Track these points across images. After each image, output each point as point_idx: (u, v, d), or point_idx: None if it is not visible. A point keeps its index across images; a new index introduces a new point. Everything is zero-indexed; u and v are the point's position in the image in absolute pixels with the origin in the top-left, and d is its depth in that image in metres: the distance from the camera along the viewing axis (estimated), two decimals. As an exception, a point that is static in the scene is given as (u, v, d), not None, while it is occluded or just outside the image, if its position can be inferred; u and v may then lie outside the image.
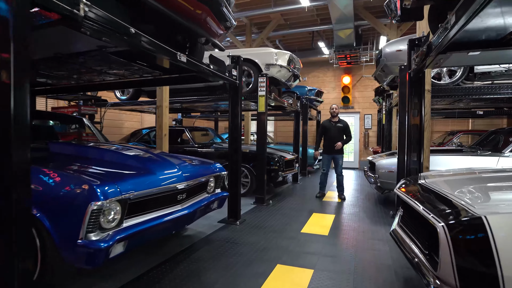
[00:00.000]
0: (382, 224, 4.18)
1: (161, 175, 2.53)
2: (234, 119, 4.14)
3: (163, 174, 2.57)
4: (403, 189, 2.07)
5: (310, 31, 9.57)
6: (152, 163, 2.73)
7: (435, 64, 2.87)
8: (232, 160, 4.17)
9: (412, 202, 1.64)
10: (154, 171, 2.51)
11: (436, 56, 2.59)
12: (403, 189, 2.07)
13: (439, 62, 2.78)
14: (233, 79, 3.97)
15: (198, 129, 7.72)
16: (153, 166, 2.62)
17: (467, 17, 1.76)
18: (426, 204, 1.54)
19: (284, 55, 5.94)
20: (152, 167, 2.57)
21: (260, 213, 4.67)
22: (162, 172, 2.57)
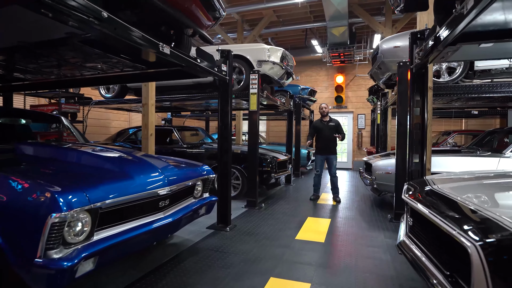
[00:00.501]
0: (380, 229, 3.96)
1: (140, 179, 2.25)
2: (224, 117, 3.87)
3: (143, 178, 2.29)
4: (412, 196, 1.83)
5: (303, 28, 9.35)
6: (130, 166, 2.44)
7: (441, 58, 2.66)
8: (222, 161, 3.90)
9: (430, 213, 1.40)
10: (132, 175, 2.23)
11: (444, 49, 2.37)
12: (412, 196, 1.83)
13: (445, 56, 2.57)
14: (222, 74, 3.70)
15: (188, 129, 7.42)
16: (131, 169, 2.34)
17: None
18: (447, 217, 1.30)
19: (277, 52, 5.69)
20: (130, 171, 2.29)
21: (251, 218, 4.40)
22: (141, 176, 2.29)
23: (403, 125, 4.32)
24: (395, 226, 4.13)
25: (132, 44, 2.28)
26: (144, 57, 2.78)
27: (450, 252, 1.29)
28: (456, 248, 1.20)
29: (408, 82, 4.31)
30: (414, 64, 3.10)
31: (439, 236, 1.40)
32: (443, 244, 1.36)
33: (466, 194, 1.52)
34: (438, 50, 2.46)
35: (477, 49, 2.29)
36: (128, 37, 2.19)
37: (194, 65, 3.05)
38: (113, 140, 7.00)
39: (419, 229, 1.69)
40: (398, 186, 4.35)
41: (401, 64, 4.31)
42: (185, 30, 3.21)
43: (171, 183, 2.51)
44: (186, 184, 2.81)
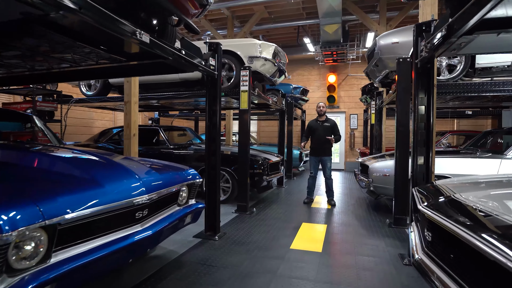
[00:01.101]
0: (380, 236, 3.71)
1: (112, 187, 1.92)
2: (212, 116, 3.56)
3: (115, 186, 1.96)
4: (433, 208, 1.56)
5: (295, 25, 9.09)
6: (102, 172, 2.11)
7: (452, 51, 2.41)
8: (210, 164, 3.59)
9: (467, 234, 1.12)
10: (103, 183, 1.89)
11: (458, 39, 2.12)
12: (433, 208, 1.56)
13: (457, 48, 2.32)
14: (210, 69, 3.38)
15: (175, 129, 7.06)
16: (102, 176, 2.00)
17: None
18: (490, 240, 1.03)
19: (269, 47, 5.40)
20: (100, 178, 1.96)
21: (242, 225, 4.10)
22: (113, 184, 1.96)
23: (404, 124, 4.09)
24: (394, 232, 3.89)
25: (104, 29, 1.95)
26: (121, 47, 2.45)
27: (496, 281, 1.02)
28: (506, 278, 0.93)
29: (408, 79, 4.09)
30: (419, 59, 2.85)
31: (483, 264, 1.12)
32: (486, 271, 1.08)
33: (500, 207, 1.26)
34: (450, 41, 2.21)
35: (497, 39, 2.05)
36: (98, 20, 1.86)
37: (178, 57, 2.73)
38: (95, 141, 6.60)
39: (444, 248, 1.42)
40: (398, 189, 4.12)
41: (401, 60, 4.08)
42: (169, 19, 2.89)
43: (150, 190, 2.18)
44: (169, 190, 2.49)
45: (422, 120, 2.97)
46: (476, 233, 1.08)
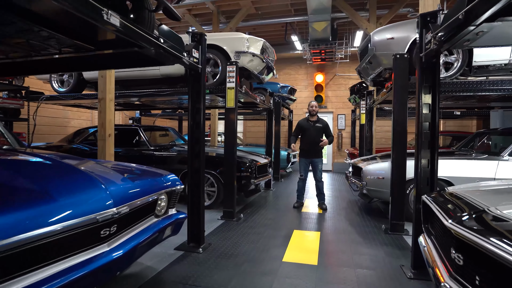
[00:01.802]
0: (377, 244, 3.45)
1: (69, 201, 1.55)
2: (195, 115, 3.20)
3: (73, 199, 1.58)
4: (467, 226, 1.27)
5: (283, 22, 8.81)
6: (58, 181, 1.73)
7: (465, 42, 2.16)
8: (193, 167, 3.23)
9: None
10: (56, 196, 1.52)
11: (477, 27, 1.86)
12: (467, 226, 1.27)
13: (472, 38, 2.07)
14: (193, 62, 3.03)
15: (156, 129, 6.64)
16: (58, 186, 1.63)
17: None
18: None
19: (257, 42, 5.09)
20: (55, 189, 1.58)
21: (229, 233, 3.76)
22: (71, 196, 1.59)
23: (401, 124, 3.86)
24: (392, 239, 3.64)
25: (61, 5, 1.58)
26: (86, 31, 2.07)
27: None
28: None
29: (405, 76, 3.86)
30: (424, 52, 2.60)
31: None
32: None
33: None
34: (467, 30, 1.94)
35: None
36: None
37: (156, 47, 2.37)
38: (68, 141, 6.11)
39: (488, 278, 1.13)
40: (394, 193, 3.88)
41: (398, 56, 3.84)
42: (146, 2, 2.52)
43: (120, 202, 1.82)
44: (144, 200, 2.12)
45: (426, 119, 2.72)
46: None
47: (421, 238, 2.11)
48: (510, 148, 4.31)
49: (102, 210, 1.67)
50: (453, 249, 1.38)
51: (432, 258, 1.65)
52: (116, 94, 5.40)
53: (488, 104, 6.91)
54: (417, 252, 2.74)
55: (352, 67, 11.39)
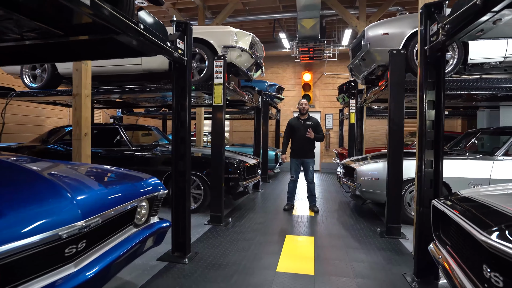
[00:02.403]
0: (375, 249, 3.26)
1: (21, 215, 1.25)
2: (180, 112, 2.92)
3: (27, 212, 1.29)
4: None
5: (271, 19, 8.59)
6: (8, 191, 1.42)
7: (478, 33, 1.99)
8: (178, 170, 2.94)
9: None
10: (5, 210, 1.22)
11: (497, 13, 1.67)
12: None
13: (487, 28, 1.89)
14: (178, 53, 2.75)
15: (138, 128, 6.28)
16: (9, 198, 1.33)
17: None
18: None
19: (246, 37, 4.83)
20: (5, 202, 1.28)
21: (217, 240, 3.49)
22: (25, 209, 1.29)
23: (398, 123, 3.69)
24: (389, 243, 3.46)
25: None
26: (51, 11, 1.76)
27: None
28: None
29: (402, 73, 3.69)
30: (429, 45, 2.42)
31: None
32: None
33: None
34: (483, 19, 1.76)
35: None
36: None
37: (135, 33, 2.08)
38: (42, 141, 5.68)
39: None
40: (391, 195, 3.71)
41: (395, 52, 3.67)
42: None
43: (90, 213, 1.54)
44: (119, 209, 1.84)
45: (430, 117, 2.54)
46: None
47: (433, 247, 1.92)
48: (504, 148, 4.23)
49: (66, 224, 1.38)
50: (487, 267, 1.17)
51: (454, 274, 1.44)
52: (94, 90, 5.03)
53: (474, 103, 6.89)
54: (421, 260, 2.56)
55: (340, 66, 11.31)
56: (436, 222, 1.95)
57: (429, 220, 2.58)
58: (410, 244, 3.40)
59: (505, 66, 4.25)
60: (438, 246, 1.86)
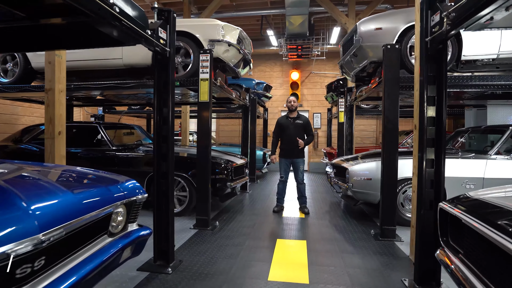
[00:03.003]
0: (371, 253, 3.10)
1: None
2: (163, 108, 2.68)
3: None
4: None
5: (259, 15, 8.39)
6: None
7: (487, 21, 1.84)
8: (160, 171, 2.70)
9: None
10: None
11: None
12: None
13: (498, 14, 1.74)
14: (160, 44, 2.50)
15: (120, 127, 5.96)
16: None
17: None
18: None
19: (233, 31, 4.60)
20: None
21: (204, 246, 3.25)
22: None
23: (392, 121, 3.55)
24: (384, 246, 3.32)
25: None
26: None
27: None
28: None
29: (396, 69, 3.55)
30: (430, 36, 2.27)
31: None
32: None
33: None
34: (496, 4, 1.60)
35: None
36: None
37: (109, 16, 1.83)
38: (15, 141, 5.31)
39: None
40: (385, 196, 3.56)
41: (389, 47, 3.53)
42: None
43: (50, 224, 1.29)
44: (91, 217, 1.60)
45: (430, 114, 2.38)
46: None
47: (440, 254, 1.75)
48: (497, 147, 4.16)
49: (18, 239, 1.13)
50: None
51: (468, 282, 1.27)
52: (71, 86, 4.72)
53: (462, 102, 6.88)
54: (422, 266, 2.41)
55: (328, 65, 11.23)
56: (444, 227, 1.79)
57: (430, 224, 2.44)
58: (406, 246, 3.26)
59: (498, 63, 4.18)
60: (447, 253, 1.69)
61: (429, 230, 2.41)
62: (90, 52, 4.68)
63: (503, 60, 4.13)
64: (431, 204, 2.43)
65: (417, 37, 2.87)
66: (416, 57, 2.93)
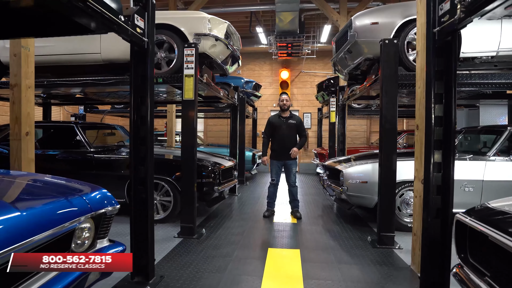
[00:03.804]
0: (370, 263, 2.87)
1: None
2: (141, 106, 2.38)
3: None
4: None
5: (248, 11, 8.13)
6: None
7: (508, 7, 1.62)
8: (138, 177, 2.40)
9: None
10: None
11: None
12: None
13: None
14: (137, 32, 2.21)
15: (100, 127, 5.59)
16: None
17: None
18: None
19: (221, 24, 4.33)
20: None
21: (188, 258, 2.96)
22: None
23: (390, 121, 3.34)
24: (383, 254, 3.10)
25: None
26: None
27: None
28: None
29: (395, 65, 3.34)
30: (439, 27, 2.06)
31: None
32: None
33: None
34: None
35: None
36: None
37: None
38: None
39: None
40: (383, 201, 3.35)
41: (387, 42, 3.32)
42: None
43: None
44: (46, 236, 1.31)
45: (438, 113, 2.16)
46: None
47: (460, 275, 1.52)
48: (495, 148, 4.01)
49: None
50: None
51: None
52: (44, 82, 4.36)
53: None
54: (427, 280, 2.19)
55: (318, 64, 11.05)
56: (462, 241, 1.56)
57: (437, 233, 2.22)
58: (406, 255, 3.05)
59: (496, 61, 4.03)
60: (467, 273, 1.46)
61: (436, 240, 2.20)
62: (66, 46, 4.32)
63: (501, 58, 3.97)
64: (437, 212, 2.22)
65: (420, 30, 2.65)
66: (418, 52, 2.72)
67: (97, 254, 1.42)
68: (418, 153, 2.73)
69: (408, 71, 3.73)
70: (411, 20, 3.72)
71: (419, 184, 2.68)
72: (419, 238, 2.64)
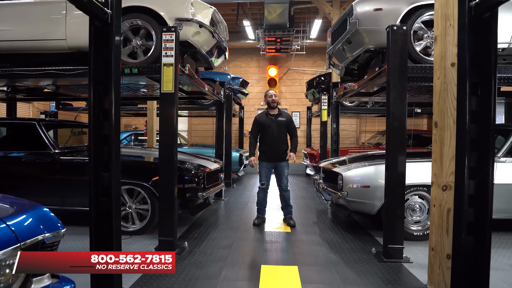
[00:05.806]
0: (379, 282, 2.47)
1: None
2: (103, 98, 1.88)
3: None
4: None
5: (235, 3, 7.65)
6: None
7: None
8: (99, 186, 1.89)
9: None
10: None
11: None
12: None
13: None
14: (97, 2, 1.71)
15: (68, 125, 4.99)
16: None
17: None
18: None
19: (206, 9, 3.83)
20: None
21: (166, 282, 2.47)
22: None
23: (399, 118, 2.94)
24: (392, 270, 2.70)
25: None
26: None
27: None
28: None
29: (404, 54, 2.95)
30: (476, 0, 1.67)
31: None
32: None
33: None
34: None
35: None
36: None
37: None
38: None
39: None
40: (391, 208, 2.95)
41: (395, 28, 2.92)
42: None
43: None
44: None
45: (471, 107, 1.77)
46: None
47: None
48: (505, 149, 3.71)
49: None
50: None
51: None
52: None
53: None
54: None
55: (307, 61, 10.69)
56: None
57: (470, 254, 1.83)
58: (418, 270, 2.67)
59: (506, 54, 3.71)
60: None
61: (466, 263, 1.80)
62: (25, 31, 3.75)
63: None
64: (468, 226, 1.82)
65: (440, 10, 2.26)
66: (436, 37, 2.33)
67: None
68: (437, 155, 2.34)
69: (415, 63, 3.36)
70: (418, 7, 3.36)
71: (439, 192, 2.29)
72: (440, 255, 2.26)
